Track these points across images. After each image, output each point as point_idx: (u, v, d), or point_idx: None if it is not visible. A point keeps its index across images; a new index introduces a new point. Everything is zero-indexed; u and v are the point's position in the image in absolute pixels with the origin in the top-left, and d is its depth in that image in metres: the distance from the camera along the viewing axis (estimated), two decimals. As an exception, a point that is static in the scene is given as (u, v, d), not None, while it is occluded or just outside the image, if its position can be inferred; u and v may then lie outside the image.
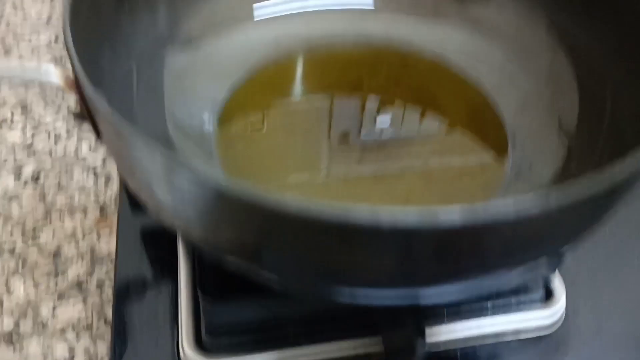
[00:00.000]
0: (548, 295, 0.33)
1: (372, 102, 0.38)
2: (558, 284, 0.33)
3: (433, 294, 0.24)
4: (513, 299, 0.32)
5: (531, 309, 0.32)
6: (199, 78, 0.34)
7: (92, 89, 0.21)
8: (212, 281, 0.29)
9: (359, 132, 0.36)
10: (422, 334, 0.28)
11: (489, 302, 0.32)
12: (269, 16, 0.38)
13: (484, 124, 0.36)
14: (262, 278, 0.25)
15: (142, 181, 0.22)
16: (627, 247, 0.37)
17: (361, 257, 0.21)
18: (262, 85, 0.37)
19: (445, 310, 0.30)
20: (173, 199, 0.22)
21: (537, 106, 0.33)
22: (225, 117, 0.35)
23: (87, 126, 0.27)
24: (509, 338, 0.33)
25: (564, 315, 0.33)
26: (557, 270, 0.33)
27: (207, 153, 0.31)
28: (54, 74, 0.26)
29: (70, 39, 0.23)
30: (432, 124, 0.37)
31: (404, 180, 0.33)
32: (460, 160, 0.34)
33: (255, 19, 0.38)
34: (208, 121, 0.33)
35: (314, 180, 0.32)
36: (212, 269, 0.29)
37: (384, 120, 0.37)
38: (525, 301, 0.32)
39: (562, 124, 0.32)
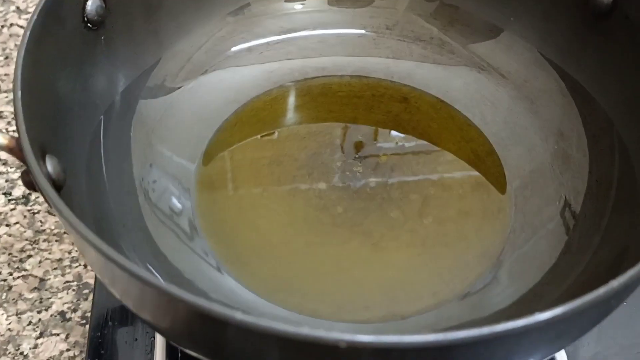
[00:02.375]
0: None
1: (368, 142, 0.36)
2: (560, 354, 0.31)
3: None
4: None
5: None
6: (175, 124, 0.32)
7: (41, 179, 0.20)
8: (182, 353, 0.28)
9: (352, 175, 0.34)
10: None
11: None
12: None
13: (485, 174, 0.34)
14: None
15: (91, 266, 0.21)
16: (632, 306, 0.35)
17: None
18: (250, 123, 0.35)
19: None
20: (115, 291, 0.20)
21: (544, 166, 0.31)
22: (208, 157, 0.34)
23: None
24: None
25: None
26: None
27: (177, 213, 0.29)
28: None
29: (19, 104, 0.21)
30: (431, 171, 0.35)
31: (396, 239, 0.31)
32: (457, 218, 0.32)
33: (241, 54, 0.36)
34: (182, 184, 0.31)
35: (297, 239, 0.31)
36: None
37: (380, 165, 0.35)
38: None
39: (569, 195, 0.29)
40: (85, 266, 0.41)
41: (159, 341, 0.31)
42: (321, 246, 0.31)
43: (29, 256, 0.41)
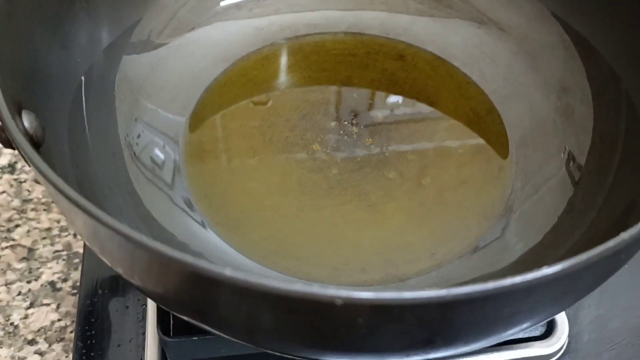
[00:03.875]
0: (550, 326, 0.31)
1: (363, 101, 0.35)
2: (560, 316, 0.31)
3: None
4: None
5: (532, 341, 0.30)
6: (162, 82, 0.31)
7: (16, 133, 0.18)
8: (174, 320, 0.27)
9: (348, 136, 0.33)
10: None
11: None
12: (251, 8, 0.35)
13: (486, 133, 0.32)
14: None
15: (76, 230, 0.20)
16: (633, 268, 0.34)
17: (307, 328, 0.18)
18: (240, 83, 0.34)
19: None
20: (105, 257, 0.19)
21: (546, 123, 0.30)
22: (197, 119, 0.32)
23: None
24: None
25: (567, 342, 0.31)
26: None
27: (167, 172, 0.28)
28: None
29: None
30: (429, 128, 0.34)
31: (394, 200, 0.30)
32: (456, 177, 0.31)
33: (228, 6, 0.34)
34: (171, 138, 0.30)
35: (290, 202, 0.30)
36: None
37: (375, 124, 0.34)
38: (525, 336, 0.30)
39: (572, 151, 0.28)
40: (75, 235, 0.40)
41: (151, 308, 0.31)
42: (315, 209, 0.30)
43: (17, 226, 0.40)
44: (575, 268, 0.17)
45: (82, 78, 0.26)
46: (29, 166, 0.22)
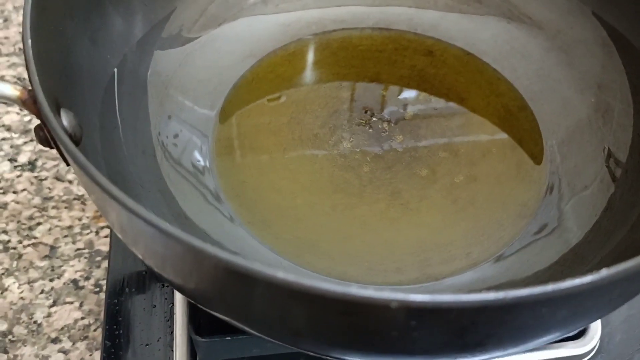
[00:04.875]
0: (583, 328, 0.30)
1: (392, 97, 0.34)
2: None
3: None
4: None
5: (565, 341, 0.30)
6: (191, 78, 0.31)
7: (59, 131, 0.18)
8: (205, 319, 0.27)
9: (378, 133, 0.32)
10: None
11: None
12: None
13: (518, 131, 0.32)
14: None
15: (112, 225, 0.19)
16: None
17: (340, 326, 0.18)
18: (267, 79, 0.33)
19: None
20: (139, 252, 0.19)
21: (581, 120, 0.29)
22: (225, 116, 0.32)
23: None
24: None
25: (599, 343, 0.31)
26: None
27: (199, 169, 0.28)
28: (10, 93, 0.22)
29: (30, 52, 0.19)
30: (460, 125, 0.33)
31: (426, 199, 0.29)
32: (489, 175, 0.30)
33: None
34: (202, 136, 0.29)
35: (322, 201, 0.29)
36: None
37: (406, 121, 0.33)
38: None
39: (611, 150, 0.28)
40: (96, 233, 0.40)
41: (179, 307, 0.30)
42: (348, 207, 0.29)
43: (38, 224, 0.40)
44: (630, 272, 0.16)
45: (115, 73, 0.26)
46: (67, 165, 0.21)
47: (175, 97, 0.29)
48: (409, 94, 0.34)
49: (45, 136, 0.20)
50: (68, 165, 0.21)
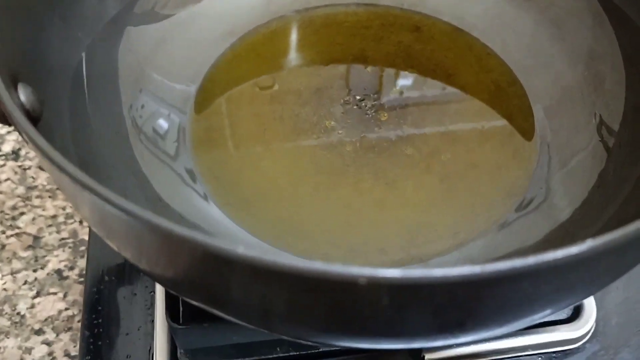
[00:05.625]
0: (577, 310, 0.29)
1: (377, 75, 0.33)
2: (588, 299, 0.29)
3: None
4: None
5: (558, 324, 0.29)
6: (168, 56, 0.29)
7: (10, 104, 0.17)
8: (184, 307, 0.26)
9: (362, 112, 0.31)
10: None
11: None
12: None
13: (508, 106, 0.31)
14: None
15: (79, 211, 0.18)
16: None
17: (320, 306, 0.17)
18: (248, 58, 0.32)
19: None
20: (111, 241, 0.18)
21: (573, 93, 0.28)
22: (204, 96, 0.31)
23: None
24: (532, 352, 0.29)
25: (594, 326, 0.30)
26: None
27: (175, 149, 0.27)
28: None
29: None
30: (447, 102, 0.32)
31: (412, 178, 0.28)
32: (477, 152, 0.29)
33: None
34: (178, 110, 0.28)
35: (304, 182, 0.28)
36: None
37: (391, 99, 0.32)
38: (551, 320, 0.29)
39: (602, 122, 0.26)
40: (81, 222, 0.39)
41: (159, 295, 0.29)
42: (331, 188, 0.28)
43: (22, 213, 0.39)
44: (627, 238, 0.15)
45: (85, 51, 0.25)
46: (26, 142, 0.21)
47: (152, 75, 0.28)
48: (395, 71, 0.33)
49: (1, 112, 0.19)
50: (27, 141, 0.20)
